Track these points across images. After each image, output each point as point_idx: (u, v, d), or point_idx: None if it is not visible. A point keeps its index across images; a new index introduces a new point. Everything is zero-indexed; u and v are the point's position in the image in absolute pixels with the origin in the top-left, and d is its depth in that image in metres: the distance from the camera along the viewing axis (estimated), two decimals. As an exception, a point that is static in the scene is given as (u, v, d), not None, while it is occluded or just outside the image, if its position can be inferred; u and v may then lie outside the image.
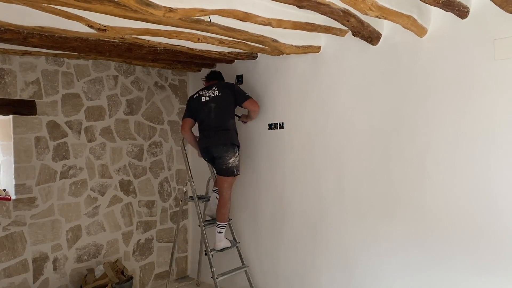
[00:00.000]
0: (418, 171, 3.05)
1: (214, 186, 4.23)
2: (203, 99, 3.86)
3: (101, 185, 4.18)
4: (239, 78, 4.43)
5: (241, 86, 4.38)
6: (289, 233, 3.96)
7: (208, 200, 4.34)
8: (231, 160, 3.78)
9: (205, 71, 4.79)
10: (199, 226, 3.97)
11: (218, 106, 3.79)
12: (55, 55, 3.71)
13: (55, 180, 3.83)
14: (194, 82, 4.96)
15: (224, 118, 3.81)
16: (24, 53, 3.52)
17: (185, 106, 4.86)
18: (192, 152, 4.74)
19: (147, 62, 4.17)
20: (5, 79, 3.52)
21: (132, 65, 4.45)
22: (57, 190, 3.85)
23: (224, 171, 3.79)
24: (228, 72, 4.51)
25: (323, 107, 3.67)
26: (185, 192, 4.35)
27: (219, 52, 3.70)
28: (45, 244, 3.76)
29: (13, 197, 3.57)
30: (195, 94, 3.99)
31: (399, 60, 3.12)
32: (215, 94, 3.82)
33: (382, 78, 3.25)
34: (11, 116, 3.57)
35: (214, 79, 4.12)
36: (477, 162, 2.74)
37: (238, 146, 3.85)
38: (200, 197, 4.26)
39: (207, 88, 3.95)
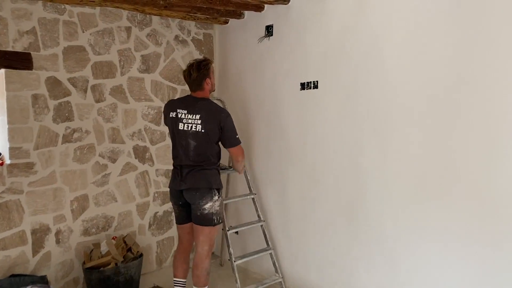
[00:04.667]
0: (490, 140, 2.27)
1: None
2: (180, 125, 2.90)
3: (111, 151, 3.73)
4: (269, 29, 3.74)
5: (271, 38, 3.70)
6: (321, 213, 3.31)
7: (233, 169, 3.77)
8: (207, 206, 2.88)
9: (233, 23, 4.14)
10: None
11: (200, 144, 2.88)
12: (53, 0, 3.22)
13: (56, 144, 3.42)
14: (222, 36, 4.33)
15: (206, 154, 2.90)
16: (17, -2, 3.07)
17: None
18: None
19: (159, 8, 3.57)
20: (-6, 27, 3.09)
21: (148, 15, 3.88)
22: (60, 155, 3.44)
23: (199, 218, 2.89)
24: (257, 23, 3.84)
25: (365, 61, 2.92)
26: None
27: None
28: (46, 214, 3.39)
29: (7, 161, 3.20)
30: (173, 106, 2.98)
31: (470, -9, 2.30)
32: (197, 129, 2.85)
33: (444, 16, 2.44)
34: (2, 70, 3.15)
35: (198, 86, 2.96)
36: None
37: (219, 190, 2.94)
38: (223, 168, 3.69)
39: (189, 105, 2.92)
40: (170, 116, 2.97)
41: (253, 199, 3.65)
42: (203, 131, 2.86)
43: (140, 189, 3.93)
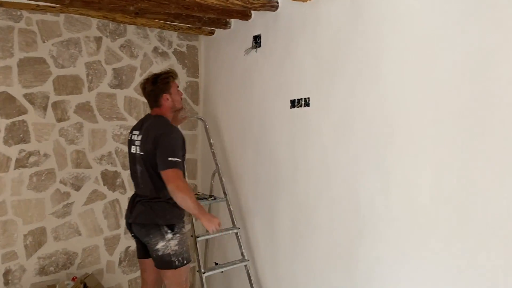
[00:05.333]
0: (523, 177, 1.76)
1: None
2: (132, 148, 2.54)
3: (75, 177, 3.26)
4: (257, 40, 3.28)
5: (259, 50, 3.24)
6: (314, 253, 2.80)
7: (214, 198, 3.29)
8: (159, 246, 2.40)
9: (219, 34, 3.71)
10: (191, 236, 2.94)
11: (144, 170, 2.46)
12: (1, 4, 2.80)
13: (8, 170, 2.96)
14: (208, 49, 3.88)
15: (150, 182, 2.44)
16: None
17: (194, 79, 3.86)
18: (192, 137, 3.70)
19: (129, 16, 3.14)
20: None
21: (121, 25, 3.46)
22: (11, 183, 2.98)
23: (156, 261, 2.45)
24: (245, 33, 3.39)
25: (364, 73, 2.44)
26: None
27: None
28: (-8, 251, 2.91)
29: None
30: (133, 127, 2.68)
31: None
32: (138, 152, 2.47)
33: (460, 18, 1.96)
34: None
35: (155, 102, 2.58)
36: None
37: (171, 226, 2.42)
38: (198, 198, 3.20)
39: (141, 125, 2.58)
40: (128, 138, 2.59)
41: (236, 234, 3.14)
42: (141, 153, 2.44)
43: (109, 220, 3.44)
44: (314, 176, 2.79)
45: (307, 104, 2.84)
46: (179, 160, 2.34)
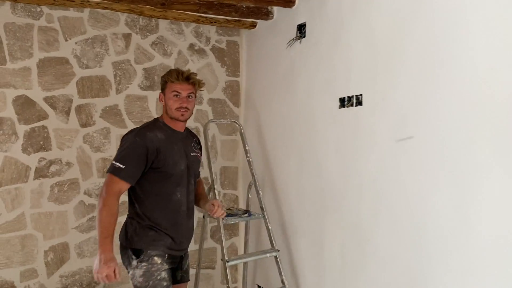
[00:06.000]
0: None
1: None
2: None
3: (101, 187, 2.96)
4: (302, 29, 2.81)
5: (303, 41, 2.78)
6: (370, 284, 2.25)
7: (249, 215, 2.84)
8: (129, 274, 2.01)
9: (261, 26, 3.28)
10: (221, 259, 2.51)
11: None
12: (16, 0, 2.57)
13: (26, 180, 2.73)
14: (250, 44, 3.46)
15: (127, 195, 2.09)
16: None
17: (235, 78, 3.46)
18: (231, 143, 3.28)
19: (155, 7, 2.79)
20: None
21: (154, 20, 3.13)
22: (31, 194, 2.74)
23: None
24: (288, 22, 2.94)
25: (433, 63, 1.87)
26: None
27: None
28: (10, 269, 2.68)
29: (-41, 202, 2.55)
30: None
31: None
32: None
33: None
34: (-43, 89, 2.54)
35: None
36: None
37: (137, 251, 1.98)
38: (230, 214, 2.77)
39: None
40: None
41: (275, 257, 2.66)
42: None
43: (139, 235, 3.11)
44: (369, 192, 2.25)
45: (359, 103, 2.31)
46: (121, 166, 1.89)
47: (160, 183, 1.99)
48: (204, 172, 3.31)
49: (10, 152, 2.67)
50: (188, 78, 2.03)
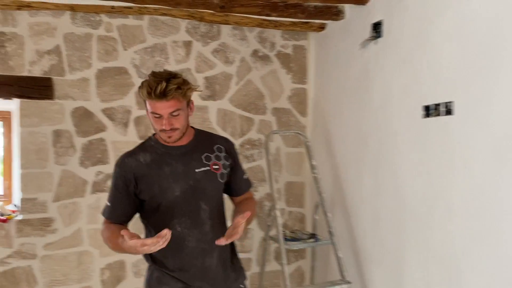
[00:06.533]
0: None
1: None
2: None
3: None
4: (377, 28, 2.46)
5: (379, 41, 2.45)
6: None
7: (316, 240, 2.52)
8: None
9: (331, 28, 2.98)
10: (284, 291, 2.21)
11: None
12: (72, 8, 2.51)
13: (83, 194, 2.64)
14: (319, 48, 3.16)
15: None
16: (38, 8, 2.43)
17: (301, 86, 3.18)
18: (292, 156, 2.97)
19: (215, 11, 2.59)
20: (6, 47, 2.47)
21: (214, 26, 2.95)
22: (88, 209, 2.65)
23: None
24: (362, 22, 2.61)
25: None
26: (268, 226, 2.62)
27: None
28: (66, 286, 2.60)
29: (18, 217, 2.50)
30: None
31: None
32: None
33: None
34: (17, 101, 2.51)
35: None
36: None
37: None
38: (293, 238, 2.46)
39: None
40: None
41: (347, 292, 2.31)
42: None
43: (198, 255, 2.92)
44: (461, 218, 1.84)
45: (448, 112, 1.91)
46: (107, 203, 1.60)
47: (152, 215, 1.59)
48: (265, 189, 3.06)
49: (67, 165, 2.60)
50: (163, 94, 1.44)
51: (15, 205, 2.63)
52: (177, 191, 1.55)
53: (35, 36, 2.52)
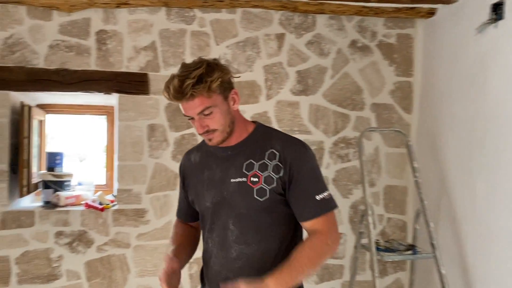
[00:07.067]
0: None
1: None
2: None
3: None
4: (498, 9, 2.09)
5: (500, 24, 2.09)
6: None
7: (414, 252, 2.23)
8: None
9: (442, 13, 2.65)
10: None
11: None
12: (166, 4, 2.54)
13: (175, 188, 2.68)
14: (427, 37, 2.82)
15: None
16: (136, 5, 2.53)
17: (406, 79, 2.91)
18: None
19: (309, 0, 2.44)
20: (107, 44, 2.60)
21: (309, 16, 2.80)
22: (178, 203, 2.68)
23: None
24: (477, 4, 2.25)
25: None
26: (359, 233, 2.37)
27: None
28: (156, 277, 2.65)
29: (115, 207, 2.63)
30: None
31: None
32: None
33: None
34: (116, 95, 2.62)
35: None
36: None
37: None
38: (387, 249, 2.20)
39: None
40: None
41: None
42: None
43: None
44: None
45: None
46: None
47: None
48: (361, 192, 2.81)
49: (161, 159, 2.66)
50: (181, 93, 1.18)
51: (113, 195, 2.77)
52: (208, 201, 1.34)
53: (133, 33, 2.62)
